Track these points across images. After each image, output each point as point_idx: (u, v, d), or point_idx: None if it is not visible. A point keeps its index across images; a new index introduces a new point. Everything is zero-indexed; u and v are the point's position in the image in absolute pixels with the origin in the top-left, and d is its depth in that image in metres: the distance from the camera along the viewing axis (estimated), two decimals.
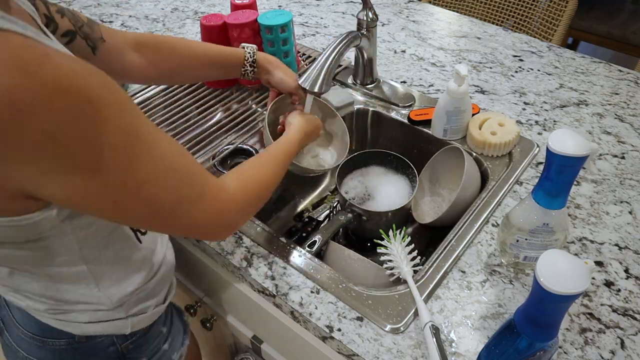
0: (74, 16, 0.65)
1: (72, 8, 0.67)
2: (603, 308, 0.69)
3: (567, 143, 0.57)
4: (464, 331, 0.66)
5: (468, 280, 0.73)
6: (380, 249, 0.77)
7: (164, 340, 0.77)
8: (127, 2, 1.48)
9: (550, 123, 1.00)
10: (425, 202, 0.99)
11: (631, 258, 0.75)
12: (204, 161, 0.96)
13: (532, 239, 0.68)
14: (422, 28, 1.34)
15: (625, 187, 0.86)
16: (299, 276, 0.74)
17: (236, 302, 0.89)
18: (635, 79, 1.12)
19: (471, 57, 1.20)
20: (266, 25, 0.98)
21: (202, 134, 1.00)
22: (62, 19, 0.63)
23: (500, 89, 1.10)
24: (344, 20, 1.38)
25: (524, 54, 1.22)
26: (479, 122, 0.93)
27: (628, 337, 0.66)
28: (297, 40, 1.28)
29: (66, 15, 0.64)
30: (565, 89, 1.09)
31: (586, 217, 0.81)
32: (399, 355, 0.64)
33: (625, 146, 0.94)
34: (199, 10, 1.44)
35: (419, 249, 0.94)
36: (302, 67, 1.16)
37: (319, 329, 0.68)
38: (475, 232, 0.79)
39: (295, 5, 1.45)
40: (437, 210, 0.96)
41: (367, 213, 0.89)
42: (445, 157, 0.95)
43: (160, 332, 0.76)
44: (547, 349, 0.55)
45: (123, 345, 0.69)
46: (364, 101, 1.08)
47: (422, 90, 1.10)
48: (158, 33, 1.32)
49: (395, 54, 1.22)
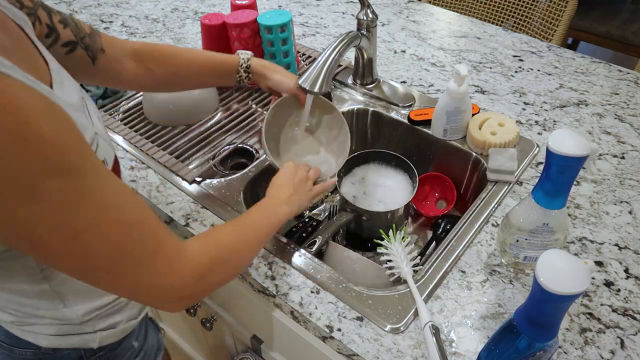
0: (76, 27, 0.65)
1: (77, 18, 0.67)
2: (603, 308, 0.69)
3: (567, 143, 0.57)
4: (464, 331, 0.66)
5: (468, 280, 0.73)
6: (380, 249, 0.77)
7: (134, 355, 0.75)
8: (127, 2, 1.48)
9: (550, 123, 1.00)
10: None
11: (631, 258, 0.75)
12: (204, 161, 0.96)
13: (532, 239, 0.68)
14: (422, 28, 1.34)
15: (625, 187, 0.86)
16: (299, 276, 0.74)
17: (236, 302, 0.89)
18: (635, 79, 1.12)
19: (471, 57, 1.20)
20: (266, 25, 0.98)
21: (202, 134, 1.00)
22: (65, 29, 0.63)
23: (500, 89, 1.10)
24: (344, 20, 1.38)
25: (524, 54, 1.22)
26: (479, 122, 0.93)
27: (628, 337, 0.66)
28: (297, 40, 1.28)
29: (69, 26, 0.64)
30: (565, 89, 1.09)
31: (586, 217, 0.81)
32: (399, 355, 0.64)
33: (625, 146, 0.94)
34: (199, 10, 1.44)
35: (419, 249, 0.94)
36: (302, 67, 1.16)
37: (319, 329, 0.68)
38: (475, 232, 0.79)
39: (295, 5, 1.45)
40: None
41: (367, 213, 0.89)
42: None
43: (132, 347, 0.74)
44: (547, 348, 0.55)
45: (91, 358, 0.68)
46: (364, 101, 1.08)
47: (422, 90, 1.10)
48: (158, 33, 1.32)
49: (395, 54, 1.22)
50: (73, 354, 0.67)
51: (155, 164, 0.93)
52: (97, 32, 0.69)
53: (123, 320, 0.69)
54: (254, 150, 1.01)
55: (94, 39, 0.68)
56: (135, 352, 0.75)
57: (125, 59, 0.73)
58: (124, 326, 0.70)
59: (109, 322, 0.67)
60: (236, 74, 0.82)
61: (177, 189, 0.89)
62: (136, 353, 0.75)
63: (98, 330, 0.66)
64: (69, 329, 0.64)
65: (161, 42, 1.29)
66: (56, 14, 0.63)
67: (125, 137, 0.99)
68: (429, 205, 1.03)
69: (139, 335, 0.76)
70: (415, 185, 0.93)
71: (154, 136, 1.00)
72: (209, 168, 0.93)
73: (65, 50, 0.64)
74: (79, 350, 0.67)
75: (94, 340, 0.66)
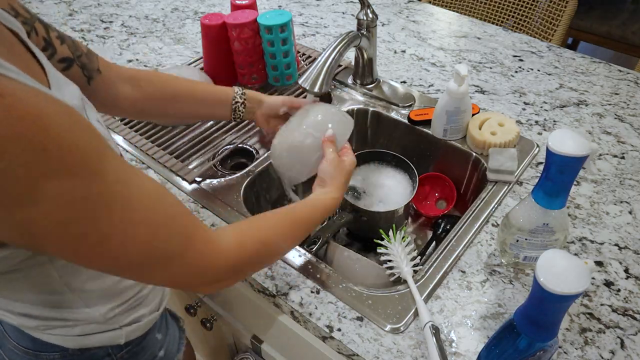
0: (73, 44, 0.65)
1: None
2: (603, 308, 0.69)
3: (567, 143, 0.57)
4: (464, 331, 0.66)
5: (468, 280, 0.73)
6: (380, 249, 0.78)
7: (159, 347, 0.76)
8: (127, 2, 1.48)
9: (550, 123, 1.00)
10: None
11: (631, 258, 0.75)
12: (204, 161, 0.96)
13: (532, 239, 0.68)
14: (422, 28, 1.34)
15: (625, 187, 0.86)
16: (299, 276, 0.74)
17: (236, 302, 0.89)
18: (635, 79, 1.12)
19: (471, 57, 1.20)
20: (266, 25, 0.98)
21: (202, 134, 1.00)
22: (62, 45, 0.62)
23: (500, 89, 1.10)
24: (344, 20, 1.38)
25: (524, 54, 1.22)
26: (479, 122, 0.93)
27: (628, 337, 0.66)
28: (297, 40, 1.28)
29: (66, 43, 0.63)
30: (565, 89, 1.09)
31: (586, 217, 0.81)
32: (399, 355, 0.64)
33: (625, 146, 0.94)
34: (199, 10, 1.44)
35: (419, 249, 0.94)
36: (302, 67, 1.16)
37: (319, 329, 0.68)
38: (475, 232, 0.79)
39: (295, 5, 1.45)
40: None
41: (367, 213, 0.89)
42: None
43: (156, 340, 0.75)
44: (547, 348, 0.55)
45: (118, 355, 0.69)
46: (364, 101, 1.08)
47: (422, 90, 1.10)
48: (158, 33, 1.32)
49: (395, 54, 1.22)
50: (101, 352, 0.67)
51: (155, 164, 0.93)
52: (94, 53, 0.69)
53: (146, 313, 0.70)
54: (254, 150, 1.01)
55: (91, 59, 0.67)
56: (159, 343, 0.75)
57: (122, 83, 0.72)
58: (148, 319, 0.70)
59: (133, 317, 0.67)
60: (232, 101, 0.81)
61: (177, 189, 0.89)
62: (160, 344, 0.76)
63: (123, 325, 0.66)
64: (94, 327, 0.64)
65: (161, 42, 1.29)
66: (53, 30, 0.62)
67: (126, 137, 0.99)
68: (429, 205, 1.03)
69: (161, 327, 0.76)
70: (415, 185, 0.93)
71: (154, 136, 1.00)
72: (209, 168, 0.93)
73: (61, 66, 0.63)
74: (106, 348, 0.67)
75: (120, 336, 0.67)
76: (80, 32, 1.33)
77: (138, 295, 0.67)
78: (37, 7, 1.45)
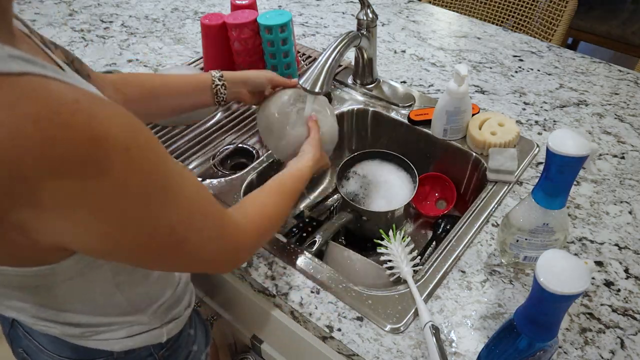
0: (65, 51, 0.65)
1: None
2: (603, 308, 0.69)
3: (567, 143, 0.57)
4: (464, 331, 0.66)
5: (468, 280, 0.73)
6: (380, 249, 0.78)
7: (192, 342, 0.77)
8: (127, 2, 1.48)
9: (550, 123, 1.00)
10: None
11: (631, 258, 0.75)
12: (204, 161, 0.96)
13: (532, 239, 0.68)
14: (422, 28, 1.34)
15: (625, 187, 0.86)
16: (299, 276, 0.74)
17: (236, 302, 0.89)
18: (635, 79, 1.12)
19: (471, 57, 1.20)
20: (265, 25, 0.98)
21: (202, 134, 1.00)
22: (56, 49, 0.63)
23: (500, 89, 1.10)
24: (344, 20, 1.38)
25: (524, 54, 1.22)
26: (479, 122, 0.93)
27: (628, 337, 0.66)
28: (297, 40, 1.28)
29: (59, 48, 0.64)
30: (565, 89, 1.09)
31: (586, 217, 0.81)
32: (399, 355, 0.64)
33: (625, 146, 0.94)
34: (199, 10, 1.44)
35: (419, 249, 0.94)
36: (302, 67, 1.16)
37: (319, 329, 0.68)
38: (475, 232, 0.79)
39: (295, 5, 1.45)
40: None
41: (367, 213, 0.89)
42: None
43: (189, 335, 0.77)
44: (547, 348, 0.55)
45: (159, 353, 0.70)
46: (364, 101, 1.08)
47: (422, 90, 1.10)
48: (158, 33, 1.32)
49: (395, 54, 1.22)
50: (144, 353, 0.68)
51: None
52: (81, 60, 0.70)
53: (182, 309, 0.71)
54: (254, 150, 1.01)
55: (82, 65, 0.68)
56: (192, 339, 0.77)
57: (106, 89, 0.72)
58: (184, 315, 0.72)
59: (172, 314, 0.69)
60: (212, 84, 0.80)
61: None
62: (193, 340, 0.77)
63: (164, 323, 0.68)
64: (139, 328, 0.65)
65: (161, 42, 1.29)
66: (45, 38, 0.63)
67: None
68: (429, 205, 1.04)
69: (191, 323, 0.78)
70: (415, 185, 0.93)
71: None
72: (209, 168, 0.93)
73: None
74: (149, 348, 0.68)
75: (162, 334, 0.68)
76: (80, 32, 1.33)
77: (175, 292, 0.69)
78: (37, 7, 1.45)
